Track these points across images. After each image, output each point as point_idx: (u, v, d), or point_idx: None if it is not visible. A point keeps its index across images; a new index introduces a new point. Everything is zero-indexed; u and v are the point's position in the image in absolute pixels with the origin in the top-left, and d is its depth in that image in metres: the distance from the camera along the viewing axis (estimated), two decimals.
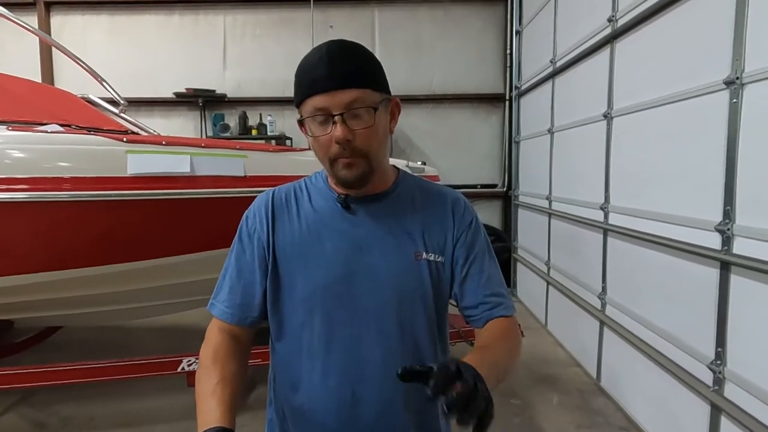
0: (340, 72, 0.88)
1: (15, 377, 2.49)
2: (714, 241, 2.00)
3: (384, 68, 0.96)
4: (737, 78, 1.86)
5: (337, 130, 0.88)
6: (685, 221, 2.20)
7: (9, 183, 2.17)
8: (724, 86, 1.93)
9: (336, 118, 0.88)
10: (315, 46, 0.93)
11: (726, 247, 1.94)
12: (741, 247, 1.88)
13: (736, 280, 1.93)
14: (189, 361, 2.53)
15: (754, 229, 1.81)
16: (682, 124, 2.25)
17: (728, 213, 1.92)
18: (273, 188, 1.06)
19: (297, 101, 0.94)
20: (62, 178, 2.21)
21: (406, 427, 0.99)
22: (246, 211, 1.05)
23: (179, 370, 2.54)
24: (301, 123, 0.97)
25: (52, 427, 2.76)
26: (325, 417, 0.97)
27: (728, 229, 1.91)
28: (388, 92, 0.96)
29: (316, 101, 0.88)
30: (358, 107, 0.89)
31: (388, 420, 0.97)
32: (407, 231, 0.99)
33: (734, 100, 1.88)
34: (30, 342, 3.61)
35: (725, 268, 1.97)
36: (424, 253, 0.99)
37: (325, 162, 0.94)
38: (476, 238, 1.03)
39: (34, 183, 2.19)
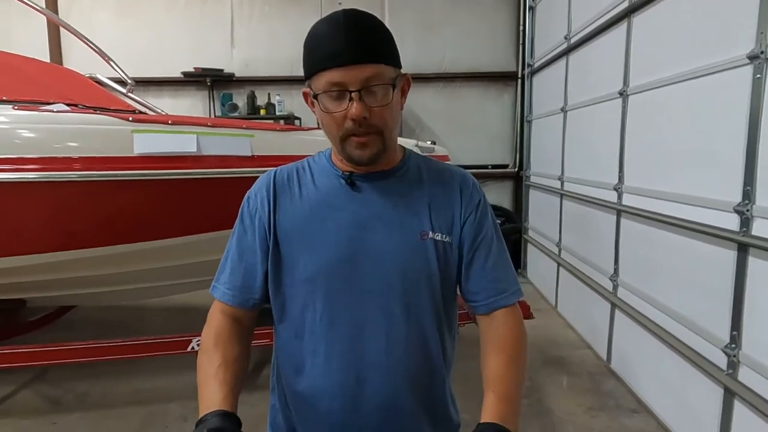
0: (358, 46, 0.84)
1: (29, 355, 2.52)
2: (732, 222, 1.94)
3: None
4: (762, 52, 1.78)
5: (354, 108, 0.84)
6: (702, 202, 2.14)
7: (15, 163, 2.16)
8: (748, 61, 1.85)
9: (353, 94, 0.84)
10: (323, 17, 0.88)
11: (744, 229, 1.88)
12: (760, 228, 1.82)
13: (754, 263, 1.88)
14: (198, 340, 2.52)
15: None
16: (702, 101, 2.17)
17: (748, 193, 1.86)
18: (275, 168, 1.03)
19: (308, 73, 0.89)
20: (69, 158, 2.20)
21: (414, 411, 0.97)
22: (248, 192, 1.03)
23: (189, 349, 2.56)
24: (305, 94, 0.93)
25: (67, 404, 2.82)
26: (328, 402, 0.95)
27: (747, 210, 1.85)
28: (401, 67, 0.93)
29: (332, 75, 0.84)
30: (375, 84, 0.85)
31: (395, 405, 0.95)
32: (413, 210, 0.96)
33: (758, 76, 1.80)
34: (43, 321, 3.67)
35: (743, 250, 1.92)
36: (431, 233, 0.96)
37: (336, 139, 0.90)
38: (484, 219, 1.00)
39: (39, 163, 2.18)
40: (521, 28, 5.40)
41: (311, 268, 0.95)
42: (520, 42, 5.45)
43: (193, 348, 2.55)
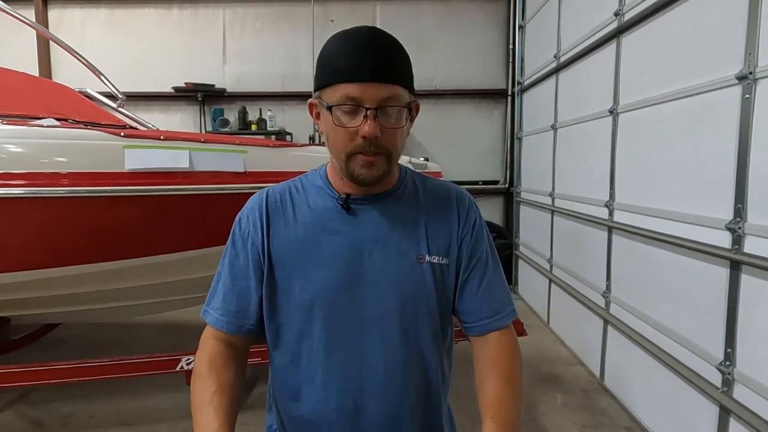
0: (380, 64, 0.83)
1: (12, 376, 2.44)
2: (724, 239, 1.96)
3: None
4: (750, 73, 1.81)
5: (368, 126, 0.83)
6: (693, 219, 2.16)
7: (3, 178, 2.12)
8: (737, 81, 1.88)
9: (368, 112, 0.83)
10: (344, 31, 0.88)
11: (737, 246, 1.90)
12: (752, 246, 1.83)
13: (746, 280, 1.89)
14: (188, 359, 2.49)
15: (766, 228, 1.77)
16: (692, 120, 2.20)
17: (739, 211, 1.88)
18: (267, 188, 1.01)
19: (322, 83, 0.87)
20: (58, 173, 2.16)
21: None
22: (239, 213, 1.00)
23: (178, 368, 2.50)
24: (312, 105, 0.92)
25: (51, 426, 2.73)
26: (326, 428, 0.93)
27: (739, 228, 1.87)
28: (414, 92, 0.92)
29: (350, 89, 0.83)
30: (391, 105, 0.85)
31: (394, 430, 0.93)
32: (410, 232, 0.95)
33: (747, 96, 1.84)
34: (27, 339, 3.58)
35: (735, 267, 1.93)
36: (427, 256, 0.95)
37: (342, 155, 0.88)
38: (480, 239, 0.99)
39: (29, 178, 2.14)
40: (511, 46, 5.49)
41: (308, 294, 0.93)
42: (510, 60, 5.53)
43: (182, 367, 2.49)
